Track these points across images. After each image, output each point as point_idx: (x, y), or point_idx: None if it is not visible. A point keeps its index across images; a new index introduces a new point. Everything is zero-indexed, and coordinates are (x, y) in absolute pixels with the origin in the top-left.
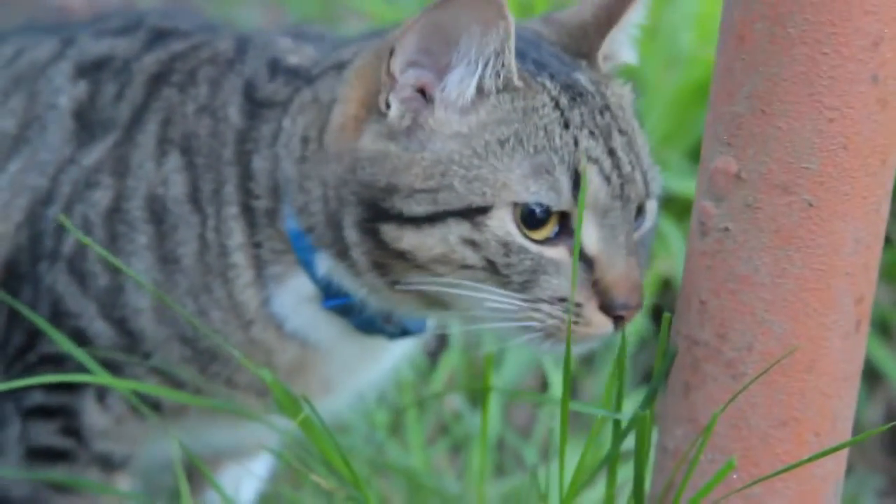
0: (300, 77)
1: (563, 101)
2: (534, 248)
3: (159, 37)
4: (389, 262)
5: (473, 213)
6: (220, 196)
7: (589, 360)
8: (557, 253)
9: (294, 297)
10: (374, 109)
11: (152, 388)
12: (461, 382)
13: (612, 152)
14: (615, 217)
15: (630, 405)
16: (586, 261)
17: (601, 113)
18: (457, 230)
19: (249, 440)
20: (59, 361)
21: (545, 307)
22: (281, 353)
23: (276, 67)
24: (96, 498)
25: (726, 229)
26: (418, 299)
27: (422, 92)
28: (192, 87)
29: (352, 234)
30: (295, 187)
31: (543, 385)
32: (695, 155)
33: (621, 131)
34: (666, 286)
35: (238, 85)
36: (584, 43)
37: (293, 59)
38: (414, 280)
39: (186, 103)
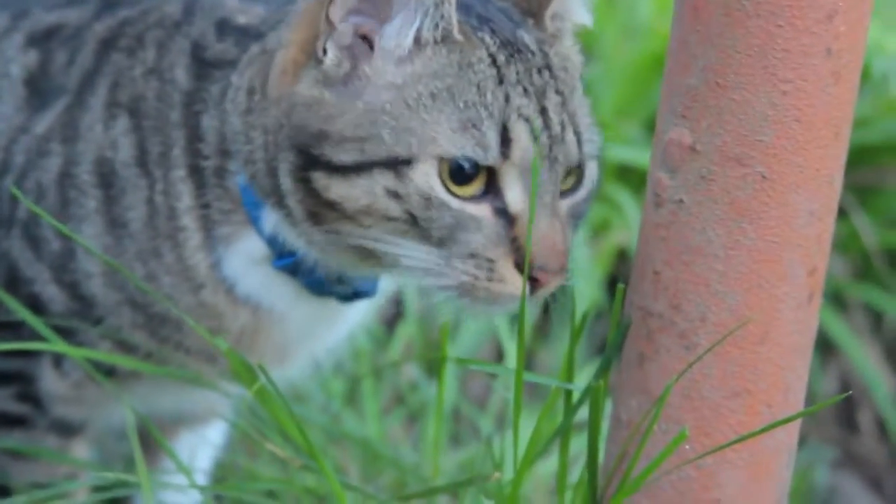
0: (249, 35)
1: (501, 57)
2: (456, 203)
3: (109, 5)
4: (321, 211)
5: (398, 164)
6: (168, 159)
7: (544, 331)
8: (480, 210)
9: (244, 259)
10: (312, 55)
11: (105, 355)
12: (417, 352)
13: (543, 111)
14: (541, 176)
15: (584, 376)
16: (507, 218)
17: (539, 72)
18: (381, 181)
19: (204, 406)
20: (14, 328)
21: (458, 263)
22: (232, 318)
23: (224, 27)
24: (53, 464)
25: (680, 201)
26: (351, 252)
27: (364, 39)
28: (140, 51)
29: (286, 182)
30: (241, 139)
31: (499, 356)
32: (651, 126)
33: (558, 91)
34: (622, 257)
35: (185, 46)
36: (534, 1)
37: (242, 19)
38: (344, 230)
39: (134, 67)
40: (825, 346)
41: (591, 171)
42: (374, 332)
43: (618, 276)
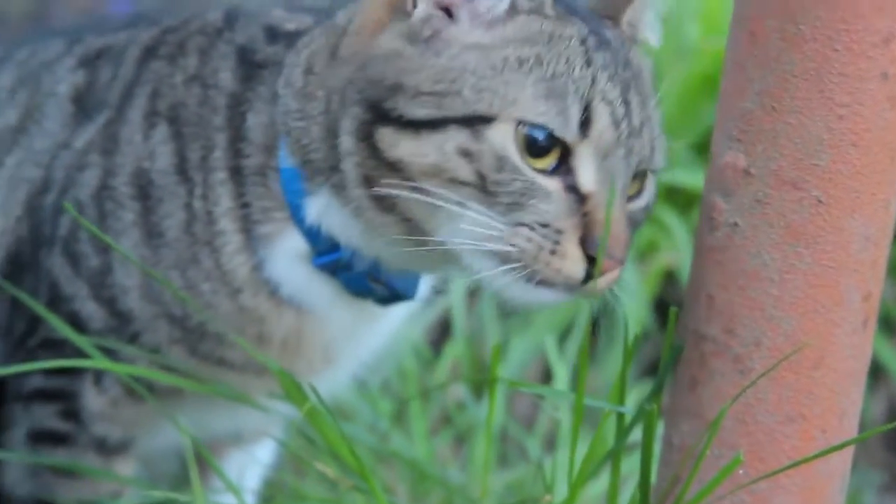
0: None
1: (591, 41)
2: (528, 171)
3: (157, 23)
4: (380, 173)
5: (476, 122)
6: (208, 163)
7: (590, 352)
8: (551, 183)
9: (287, 258)
10: (399, 10)
11: (145, 371)
12: (465, 373)
13: (626, 103)
14: (616, 162)
15: (632, 398)
16: (578, 195)
17: (624, 67)
18: (456, 137)
19: (251, 425)
20: (57, 346)
21: (525, 231)
22: (276, 323)
23: (274, 33)
24: (96, 482)
25: (735, 224)
26: (399, 224)
27: (447, 10)
28: (181, 58)
29: (347, 142)
30: (295, 116)
31: (546, 376)
32: (700, 147)
33: (639, 92)
34: (669, 278)
35: (230, 51)
36: (611, 6)
37: (290, 26)
38: (402, 195)
39: (175, 74)
40: (874, 370)
41: (652, 183)
42: (422, 353)
43: (665, 298)
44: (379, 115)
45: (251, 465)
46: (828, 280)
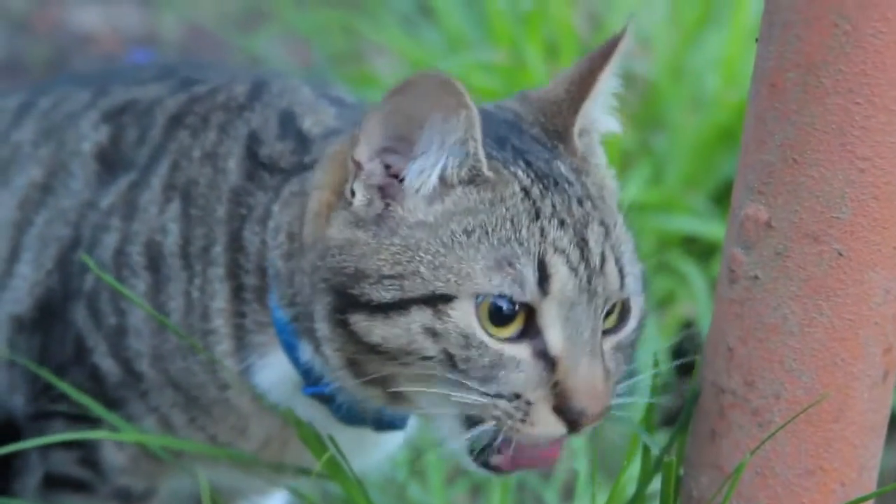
0: (307, 147)
1: (536, 190)
2: (494, 344)
3: (186, 84)
4: (363, 356)
5: (437, 301)
6: (209, 255)
7: None
8: (519, 351)
9: (276, 374)
10: (342, 197)
11: (154, 438)
12: None
13: (583, 242)
14: (580, 312)
15: (655, 449)
16: (548, 360)
17: (580, 202)
18: (420, 318)
19: (261, 483)
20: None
21: (502, 403)
22: (257, 425)
23: (287, 124)
24: None
25: (756, 277)
26: (384, 395)
27: (395, 177)
28: (202, 132)
29: (323, 328)
30: (283, 281)
31: None
32: (718, 197)
33: (601, 223)
34: (687, 328)
35: (243, 134)
36: (559, 120)
37: (307, 123)
38: (386, 377)
39: (194, 148)
40: (893, 422)
41: (637, 305)
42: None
43: (683, 348)
44: (348, 301)
45: None
46: (848, 333)
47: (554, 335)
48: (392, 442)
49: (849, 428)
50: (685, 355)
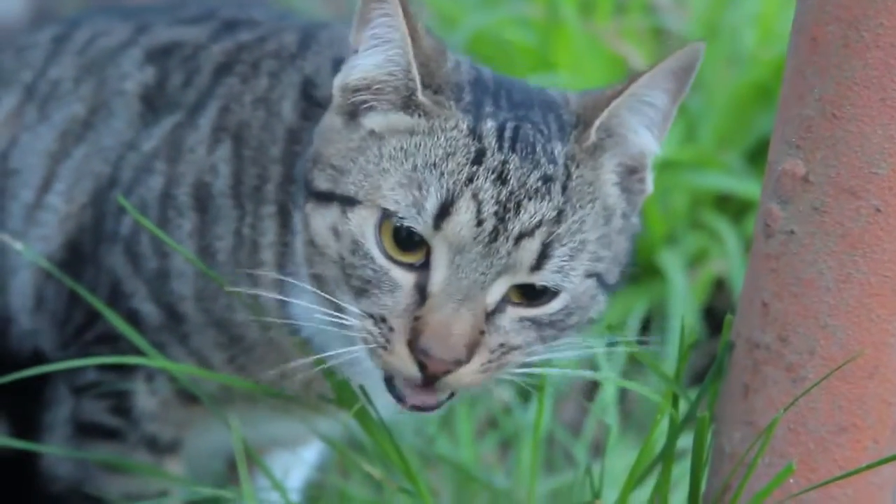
0: None
1: (493, 142)
2: (382, 261)
3: (229, 27)
4: (307, 252)
5: (347, 202)
6: (262, 193)
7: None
8: (402, 277)
9: (307, 304)
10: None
11: (201, 371)
12: None
13: (509, 207)
14: (469, 261)
15: (682, 406)
16: (422, 295)
17: (543, 180)
18: (332, 215)
19: (299, 429)
20: (113, 342)
21: (369, 324)
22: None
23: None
24: (144, 479)
25: (792, 232)
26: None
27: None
28: (253, 79)
29: (297, 220)
30: None
31: (595, 381)
32: (753, 156)
33: (558, 208)
34: (719, 286)
35: (296, 80)
36: (591, 113)
37: None
38: (317, 274)
39: (245, 93)
40: None
41: (565, 299)
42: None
43: (715, 306)
44: (307, 187)
45: (297, 465)
46: (884, 290)
47: (437, 274)
48: None
49: (883, 385)
50: (716, 313)
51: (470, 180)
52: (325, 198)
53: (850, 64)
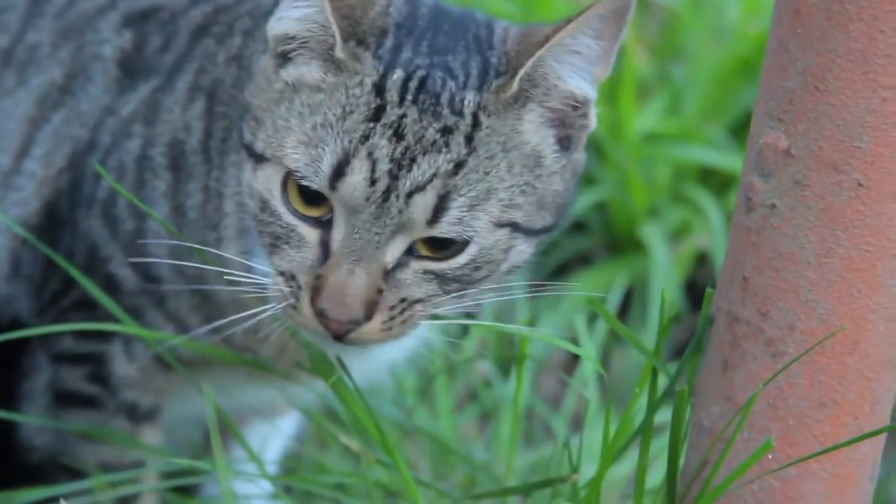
0: None
1: (394, 95)
2: (288, 216)
3: None
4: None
5: (257, 160)
6: (226, 145)
7: (616, 337)
8: (308, 232)
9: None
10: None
11: (174, 337)
12: (492, 349)
13: (403, 164)
14: (363, 221)
15: (662, 380)
16: (326, 252)
17: (442, 132)
18: (248, 170)
19: (276, 398)
20: (90, 308)
21: (280, 281)
22: (269, 327)
23: None
24: (121, 448)
25: (773, 206)
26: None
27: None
28: (227, 38)
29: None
30: None
31: (574, 355)
32: (736, 129)
33: (456, 161)
34: (702, 260)
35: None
36: (518, 60)
37: None
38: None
39: (220, 53)
40: None
41: (476, 249)
42: (449, 329)
43: (697, 280)
44: (239, 141)
45: (274, 436)
46: (865, 265)
47: (337, 233)
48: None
49: (863, 361)
50: (698, 287)
51: (366, 138)
52: (246, 150)
53: (832, 36)
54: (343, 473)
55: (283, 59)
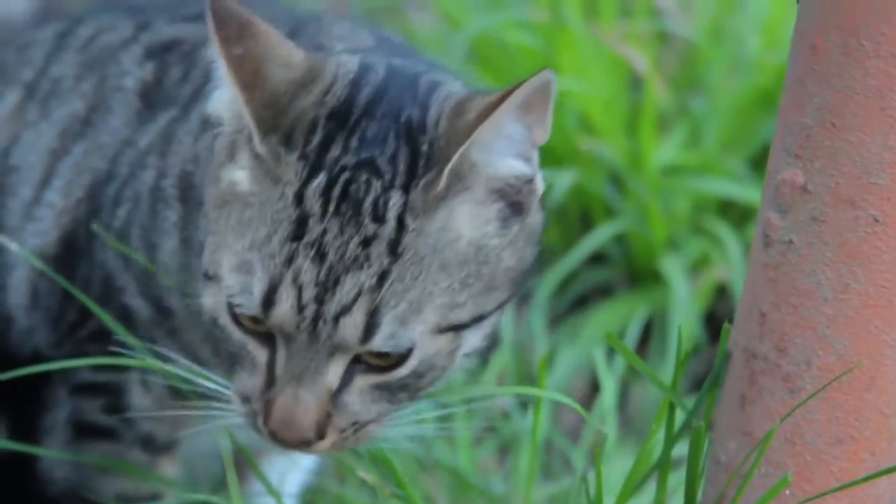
0: None
1: (316, 206)
2: (238, 335)
3: None
4: None
5: (205, 275)
6: None
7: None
8: (259, 352)
9: None
10: None
11: (189, 371)
12: (511, 382)
13: (329, 286)
14: (298, 347)
15: (680, 415)
16: (273, 375)
17: (364, 244)
18: (201, 283)
19: None
20: (106, 339)
21: (238, 402)
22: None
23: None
24: (138, 480)
25: (790, 242)
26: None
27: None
28: None
29: None
30: None
31: (593, 388)
32: (755, 162)
33: (378, 274)
34: (721, 293)
35: None
36: (446, 150)
37: (338, 48)
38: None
39: None
40: None
41: (419, 357)
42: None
43: (717, 312)
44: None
45: (293, 469)
46: (882, 300)
47: (279, 355)
48: None
49: (881, 397)
50: (718, 319)
51: (290, 261)
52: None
53: (849, 73)
54: None
55: (230, 147)
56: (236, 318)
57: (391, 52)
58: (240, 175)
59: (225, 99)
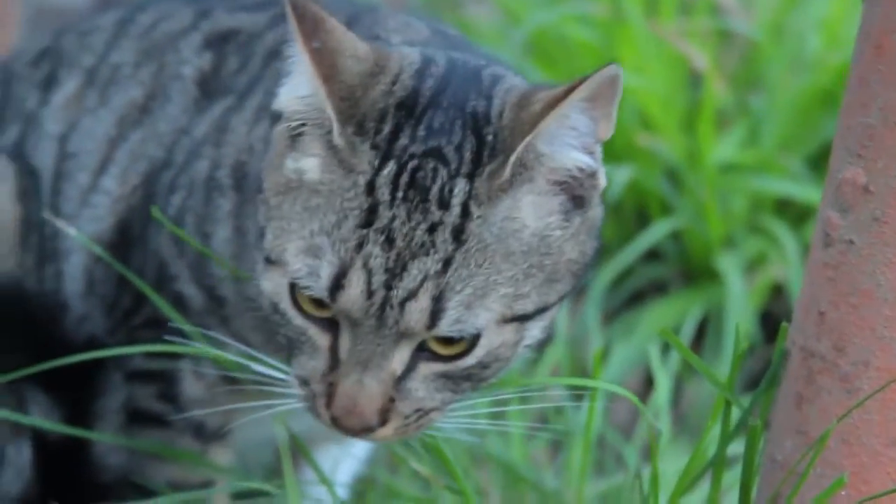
0: None
1: (385, 193)
2: (299, 320)
3: (285, 16)
4: None
5: (267, 260)
6: None
7: (690, 367)
8: (320, 337)
9: None
10: None
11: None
12: (565, 376)
13: (397, 271)
14: (365, 332)
15: (735, 412)
16: (336, 359)
17: (430, 230)
18: (259, 267)
19: None
20: (160, 326)
21: (297, 385)
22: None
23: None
24: (189, 467)
25: (851, 241)
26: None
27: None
28: None
29: None
30: None
31: (648, 383)
32: (814, 161)
33: (445, 259)
34: (777, 292)
35: None
36: (511, 140)
37: (395, 40)
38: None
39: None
40: None
41: (488, 345)
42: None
43: (772, 311)
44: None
45: (345, 458)
46: None
47: (343, 339)
48: None
49: None
50: (773, 319)
51: (360, 246)
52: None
53: None
54: (413, 499)
55: (292, 137)
56: (297, 304)
57: (447, 44)
58: (309, 163)
59: (298, 93)
